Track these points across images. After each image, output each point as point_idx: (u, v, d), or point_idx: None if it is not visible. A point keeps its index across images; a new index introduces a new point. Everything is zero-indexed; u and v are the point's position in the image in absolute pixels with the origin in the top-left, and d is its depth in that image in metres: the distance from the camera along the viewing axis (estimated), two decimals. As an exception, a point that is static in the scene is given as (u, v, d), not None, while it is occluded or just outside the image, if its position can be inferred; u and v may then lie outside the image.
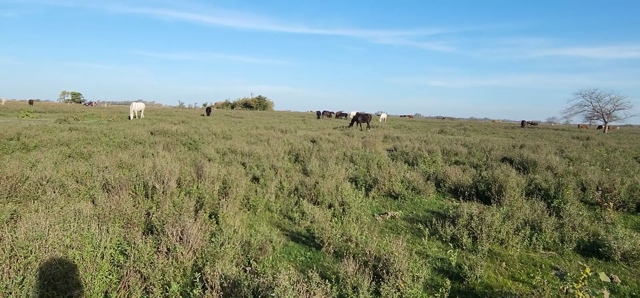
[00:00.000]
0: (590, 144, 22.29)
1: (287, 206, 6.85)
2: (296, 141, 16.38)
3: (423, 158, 12.40)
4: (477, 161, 13.22)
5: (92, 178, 7.05)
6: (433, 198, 8.16)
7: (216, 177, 7.36)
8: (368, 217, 6.56)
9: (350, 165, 10.85)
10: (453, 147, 15.22)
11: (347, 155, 12.17)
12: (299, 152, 12.43)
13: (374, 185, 8.33)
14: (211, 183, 7.10)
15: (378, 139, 19.61)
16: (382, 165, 10.97)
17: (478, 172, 10.68)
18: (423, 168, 10.49)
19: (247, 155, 11.24)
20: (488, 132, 37.14)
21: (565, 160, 13.59)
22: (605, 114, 54.57)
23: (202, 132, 18.87)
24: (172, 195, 6.23)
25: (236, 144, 12.77)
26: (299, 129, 28.84)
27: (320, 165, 9.73)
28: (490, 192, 7.80)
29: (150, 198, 6.30)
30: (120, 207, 4.98)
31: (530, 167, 11.80)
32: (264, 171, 8.70)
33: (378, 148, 15.41)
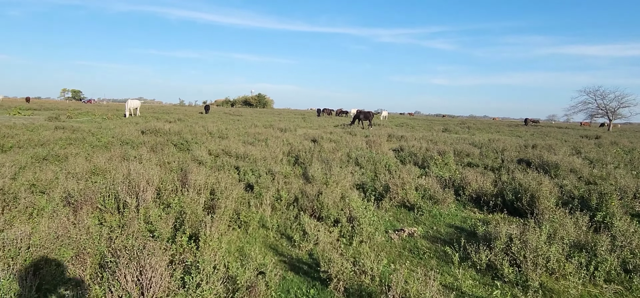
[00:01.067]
0: (602, 143, 21.23)
1: (285, 222, 5.79)
2: (296, 141, 15.32)
3: (434, 161, 11.34)
4: (492, 163, 12.18)
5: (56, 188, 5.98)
6: (453, 209, 7.10)
7: (203, 186, 6.30)
8: (382, 235, 5.51)
9: (356, 168, 9.79)
10: (463, 148, 14.17)
11: (352, 157, 11.12)
12: (299, 153, 11.37)
13: (386, 193, 7.27)
14: (197, 194, 6.06)
15: (382, 138, 18.54)
16: (391, 169, 9.91)
17: (498, 176, 9.64)
18: (436, 172, 9.44)
19: (242, 158, 10.18)
20: (492, 130, 36.04)
21: (585, 162, 12.54)
22: (610, 111, 53.52)
23: (197, 131, 17.80)
24: (146, 210, 5.17)
25: (231, 145, 11.71)
26: (299, 128, 27.76)
27: (323, 169, 8.68)
28: (521, 202, 6.74)
29: (121, 214, 5.26)
30: (69, 232, 3.92)
31: (552, 170, 10.76)
32: (260, 177, 7.64)
33: (384, 148, 14.36)
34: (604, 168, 11.43)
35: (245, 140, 14.95)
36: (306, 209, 6.14)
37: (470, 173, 8.80)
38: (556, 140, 23.48)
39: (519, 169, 11.10)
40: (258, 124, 26.98)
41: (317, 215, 5.96)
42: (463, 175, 8.73)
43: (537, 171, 11.02)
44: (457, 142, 18.13)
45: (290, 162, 11.06)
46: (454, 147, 14.46)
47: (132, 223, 4.59)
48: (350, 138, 17.44)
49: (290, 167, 9.87)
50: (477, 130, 33.93)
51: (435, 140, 19.39)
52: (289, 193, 6.61)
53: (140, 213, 4.99)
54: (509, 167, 11.27)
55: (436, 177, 8.95)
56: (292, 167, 10.14)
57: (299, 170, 9.35)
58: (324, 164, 10.32)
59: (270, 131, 19.78)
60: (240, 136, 16.47)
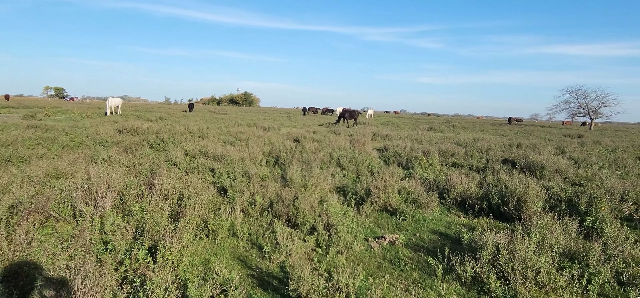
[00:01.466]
0: (585, 142, 21.33)
1: (258, 229, 5.37)
2: (278, 140, 14.90)
3: (419, 161, 11.05)
4: (477, 163, 11.95)
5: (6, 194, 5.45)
6: (437, 213, 6.78)
7: (170, 191, 5.85)
8: (361, 244, 5.14)
9: (338, 170, 9.42)
10: (448, 147, 13.93)
11: (334, 157, 10.74)
12: (280, 154, 10.95)
13: (367, 197, 6.91)
14: (163, 199, 5.60)
15: (367, 138, 18.22)
16: (374, 171, 9.57)
17: (483, 178, 9.38)
18: (420, 174, 9.13)
19: (219, 159, 9.71)
20: (477, 129, 36.14)
21: (570, 162, 12.41)
22: (591, 110, 54.29)
23: (176, 130, 17.20)
24: (103, 219, 4.70)
25: (209, 145, 11.21)
26: (283, 127, 27.29)
27: (303, 171, 8.29)
28: (507, 206, 6.45)
29: (78, 222, 4.78)
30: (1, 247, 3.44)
31: (537, 170, 10.58)
32: (235, 180, 7.21)
33: (367, 148, 14.02)
34: (589, 169, 11.30)
35: (225, 140, 14.45)
36: (281, 215, 5.73)
37: (455, 175, 8.51)
38: (540, 139, 23.53)
39: (505, 170, 10.89)
40: (242, 123, 26.42)
41: (293, 221, 5.56)
42: (448, 177, 8.43)
43: (522, 172, 10.83)
44: (442, 141, 17.93)
45: (270, 163, 10.64)
46: (438, 146, 14.22)
47: (79, 236, 4.12)
48: (334, 137, 17.08)
49: (270, 169, 9.46)
50: (462, 129, 33.97)
51: (420, 140, 19.17)
52: (264, 197, 6.20)
53: (95, 222, 4.52)
54: (494, 168, 11.05)
55: (420, 178, 8.64)
56: (271, 169, 9.73)
57: (278, 172, 8.94)
58: (304, 165, 9.93)
59: (253, 130, 19.30)
60: (221, 135, 15.95)
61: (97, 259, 3.90)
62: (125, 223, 4.60)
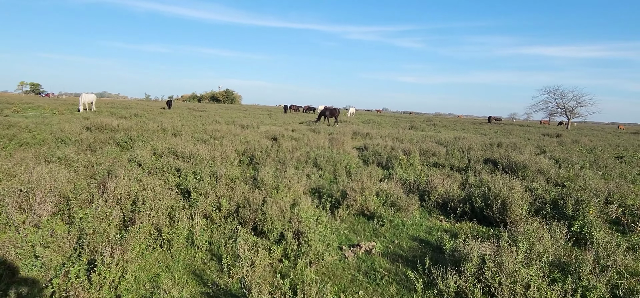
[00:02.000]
0: (564, 142, 21.44)
1: (219, 238, 4.83)
2: (255, 139, 14.32)
3: (399, 161, 10.66)
4: (458, 163, 11.66)
5: None
6: (417, 217, 6.37)
7: (124, 195, 5.25)
8: (334, 253, 4.66)
9: (314, 170, 8.93)
10: (429, 146, 13.60)
11: (311, 156, 10.24)
12: (255, 153, 10.38)
13: (343, 200, 6.44)
14: (116, 204, 5.01)
15: (347, 136, 17.80)
16: (352, 171, 9.12)
17: (464, 178, 9.05)
18: (401, 175, 8.72)
19: (188, 158, 9.09)
20: (457, 128, 36.22)
21: (552, 161, 12.22)
22: (568, 110, 55.30)
23: (149, 127, 16.41)
24: (37, 228, 4.08)
25: (179, 143, 10.56)
26: (262, 124, 26.64)
27: (276, 172, 7.78)
28: (491, 209, 6.08)
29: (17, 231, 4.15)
30: None
31: (519, 170, 10.32)
32: (201, 181, 6.63)
33: (347, 147, 13.58)
34: (571, 169, 11.13)
35: (199, 138, 13.80)
36: (248, 221, 5.20)
37: (436, 176, 8.14)
38: (519, 138, 23.56)
39: (486, 170, 10.61)
40: (220, 120, 25.67)
41: (260, 229, 5.04)
42: (429, 178, 8.05)
43: (504, 172, 10.56)
44: (423, 140, 17.64)
45: (244, 162, 10.08)
46: (419, 145, 13.89)
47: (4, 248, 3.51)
48: (313, 136, 16.59)
49: (242, 169, 8.90)
50: (443, 128, 33.96)
51: (401, 138, 18.85)
52: (230, 201, 5.65)
53: (24, 232, 3.90)
54: (475, 168, 10.76)
55: (400, 179, 8.23)
56: (245, 169, 9.17)
57: (250, 172, 8.39)
58: (280, 165, 9.41)
59: (231, 128, 18.63)
60: (196, 133, 15.26)
61: (21, 279, 3.31)
62: (65, 234, 4.01)
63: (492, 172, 10.66)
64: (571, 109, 55.13)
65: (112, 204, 4.83)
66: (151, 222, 4.52)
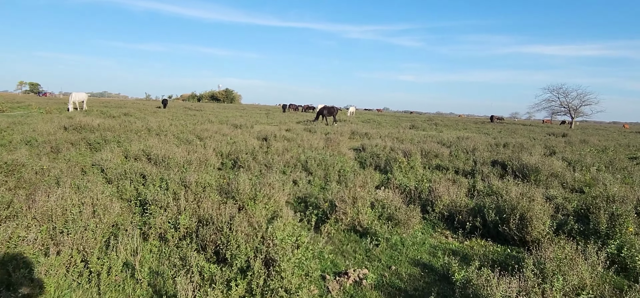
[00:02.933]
0: (572, 142, 20.37)
1: (166, 269, 3.83)
2: (244, 139, 13.35)
3: (398, 163, 9.68)
4: (463, 166, 10.66)
5: None
6: (419, 233, 5.38)
7: (56, 212, 4.25)
8: (314, 285, 3.69)
9: (303, 175, 7.95)
10: (431, 147, 12.59)
11: (301, 159, 9.26)
12: (239, 156, 9.40)
13: (331, 213, 5.45)
14: (48, 221, 4.03)
15: (344, 136, 16.83)
16: (346, 176, 8.13)
17: (472, 184, 8.06)
18: (400, 180, 7.73)
19: (160, 162, 8.10)
20: (459, 127, 35.15)
21: (564, 163, 11.20)
22: (572, 109, 54.21)
23: (134, 127, 15.44)
24: None
25: (155, 146, 9.57)
26: (257, 124, 25.68)
27: (258, 178, 6.81)
28: (507, 225, 5.09)
29: None
30: None
31: (532, 174, 9.33)
32: (167, 190, 5.65)
33: (342, 148, 12.59)
34: (587, 172, 10.14)
35: (183, 139, 12.83)
36: (208, 244, 4.21)
37: (441, 182, 7.13)
38: (524, 137, 22.57)
39: (495, 174, 9.62)
40: (214, 120, 24.70)
41: (222, 254, 4.05)
42: (432, 184, 7.06)
43: (514, 176, 9.58)
44: (425, 141, 16.65)
45: (226, 165, 9.10)
46: (421, 146, 12.88)
47: None
48: (309, 136, 15.61)
49: (221, 174, 7.92)
50: (445, 127, 32.93)
51: (402, 138, 17.87)
52: (192, 217, 4.67)
53: None
54: (482, 171, 9.78)
55: (399, 186, 7.25)
56: (226, 173, 8.20)
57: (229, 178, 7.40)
58: (266, 169, 8.44)
59: (221, 128, 17.64)
60: (182, 134, 14.28)
61: None
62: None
63: (501, 177, 9.68)
64: (575, 108, 54.04)
65: (34, 223, 3.84)
66: (77, 248, 3.54)
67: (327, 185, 7.67)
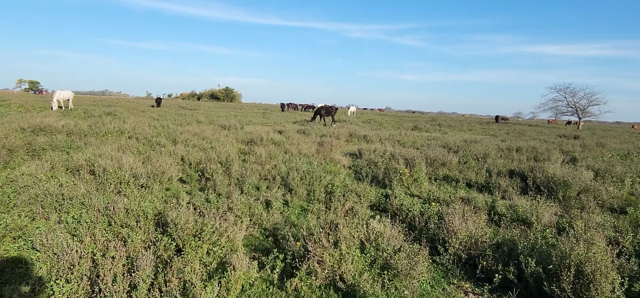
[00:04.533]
0: (586, 144, 18.65)
1: None
2: (226, 143, 11.80)
3: (399, 175, 8.12)
4: (476, 177, 9.06)
5: None
6: (427, 285, 3.83)
7: None
8: None
9: (279, 193, 6.38)
10: (437, 154, 10.96)
11: (282, 172, 7.69)
12: (207, 167, 7.83)
13: (302, 261, 3.88)
14: None
15: (340, 139, 15.24)
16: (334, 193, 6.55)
17: (489, 204, 6.48)
18: (401, 200, 6.15)
19: (103, 175, 6.53)
20: (464, 128, 33.41)
21: (589, 173, 9.53)
22: (580, 109, 52.39)
23: (106, 129, 13.88)
24: None
25: (105, 153, 7.97)
26: (250, 124, 24.10)
27: (217, 199, 5.26)
28: (556, 283, 3.52)
29: None
30: None
31: (560, 189, 7.75)
32: (79, 223, 4.10)
33: (336, 154, 11.02)
34: (622, 186, 8.57)
35: (156, 143, 11.28)
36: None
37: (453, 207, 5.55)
38: (534, 140, 20.97)
39: (514, 187, 8.05)
40: (202, 120, 23.16)
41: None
42: (442, 208, 5.50)
43: (538, 190, 8.01)
44: (429, 144, 15.07)
45: (191, 178, 7.53)
46: (425, 153, 11.28)
47: None
48: (300, 139, 14.05)
49: (171, 193, 6.37)
50: (449, 128, 31.23)
51: (403, 142, 16.26)
52: (80, 283, 3.10)
53: None
54: (499, 184, 8.20)
55: (400, 209, 5.68)
56: (187, 188, 6.65)
57: (192, 195, 5.83)
58: (234, 184, 6.89)
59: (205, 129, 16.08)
60: (157, 137, 12.74)
61: None
62: None
63: (522, 191, 8.13)
64: (582, 108, 52.21)
65: None
66: None
67: (310, 205, 6.12)
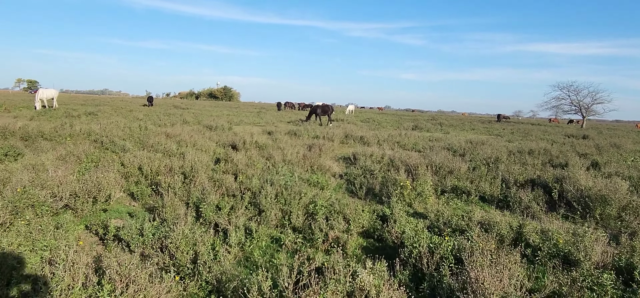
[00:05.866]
0: (601, 146, 17.14)
1: None
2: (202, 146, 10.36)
3: (400, 189, 6.66)
4: (490, 188, 7.58)
5: None
6: None
7: None
8: None
9: (242, 219, 4.91)
10: (443, 160, 9.44)
11: (254, 186, 6.22)
12: (162, 180, 6.36)
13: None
14: None
15: (334, 141, 13.80)
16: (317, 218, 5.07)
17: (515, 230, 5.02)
18: (401, 227, 4.71)
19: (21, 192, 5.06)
20: (466, 127, 31.85)
21: (624, 182, 8.04)
22: (584, 108, 50.82)
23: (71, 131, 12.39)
24: None
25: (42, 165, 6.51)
26: (242, 124, 22.69)
27: (147, 235, 3.81)
28: None
29: None
30: None
31: (598, 206, 6.30)
32: None
33: (326, 160, 9.55)
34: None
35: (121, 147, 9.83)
36: None
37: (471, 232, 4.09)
38: (542, 140, 19.55)
39: (538, 201, 6.61)
40: (189, 120, 21.70)
41: None
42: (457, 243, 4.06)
43: (568, 207, 6.59)
44: (432, 147, 13.62)
45: (143, 194, 6.06)
46: (429, 158, 9.78)
47: None
48: (289, 141, 12.58)
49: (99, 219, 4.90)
50: (451, 127, 29.74)
51: (404, 143, 14.81)
52: None
53: None
54: (520, 199, 6.75)
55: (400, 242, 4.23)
56: (133, 206, 5.20)
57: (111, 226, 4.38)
58: (193, 203, 5.43)
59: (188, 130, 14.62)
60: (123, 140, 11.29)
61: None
62: None
63: (549, 206, 6.70)
64: (586, 106, 50.62)
65: None
66: None
67: (283, 234, 4.67)
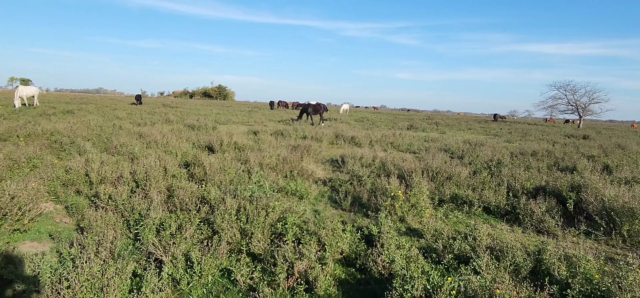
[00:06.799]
0: (606, 147, 16.17)
1: None
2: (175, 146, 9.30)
3: (391, 200, 5.61)
4: (495, 198, 6.55)
5: None
6: None
7: None
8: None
9: (184, 245, 3.84)
10: (440, 164, 8.38)
11: (212, 198, 5.15)
12: (100, 191, 5.27)
13: None
14: None
15: (323, 141, 12.75)
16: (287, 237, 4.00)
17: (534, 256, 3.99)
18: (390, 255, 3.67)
19: None
20: (463, 127, 30.88)
21: None
22: (580, 107, 50.05)
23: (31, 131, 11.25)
24: None
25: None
26: (229, 123, 21.59)
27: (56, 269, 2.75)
28: None
29: None
30: None
31: (625, 222, 5.28)
32: None
33: (309, 163, 8.48)
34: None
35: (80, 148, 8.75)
36: None
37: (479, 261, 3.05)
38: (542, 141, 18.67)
39: (552, 214, 5.60)
40: (173, 119, 20.57)
41: None
42: (466, 282, 3.03)
43: (588, 221, 5.59)
44: (428, 148, 12.61)
45: (78, 207, 4.98)
46: (425, 161, 8.74)
47: None
48: (273, 142, 11.51)
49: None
50: (447, 127, 28.76)
51: (398, 144, 13.79)
52: None
53: None
54: (531, 211, 5.73)
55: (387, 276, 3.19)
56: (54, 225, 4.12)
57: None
58: (132, 221, 4.35)
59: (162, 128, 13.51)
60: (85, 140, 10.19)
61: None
62: None
63: (564, 219, 5.70)
64: (583, 106, 49.85)
65: None
66: None
67: (236, 267, 3.60)
